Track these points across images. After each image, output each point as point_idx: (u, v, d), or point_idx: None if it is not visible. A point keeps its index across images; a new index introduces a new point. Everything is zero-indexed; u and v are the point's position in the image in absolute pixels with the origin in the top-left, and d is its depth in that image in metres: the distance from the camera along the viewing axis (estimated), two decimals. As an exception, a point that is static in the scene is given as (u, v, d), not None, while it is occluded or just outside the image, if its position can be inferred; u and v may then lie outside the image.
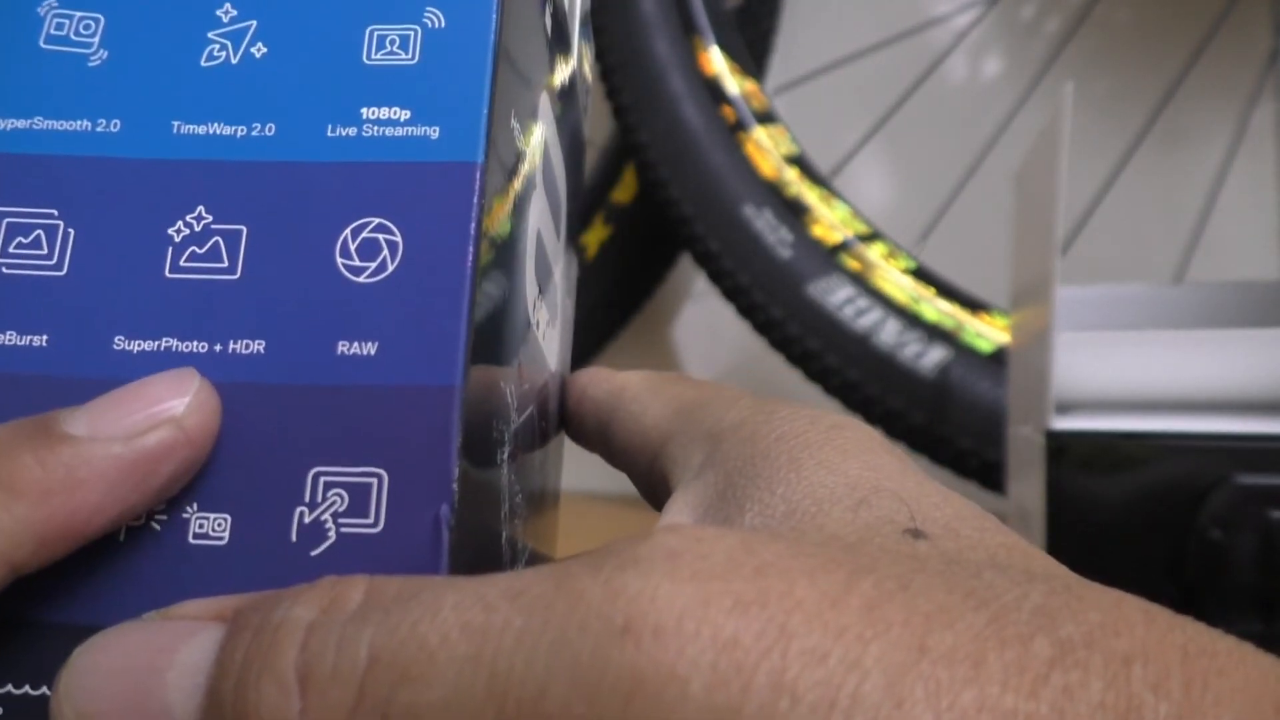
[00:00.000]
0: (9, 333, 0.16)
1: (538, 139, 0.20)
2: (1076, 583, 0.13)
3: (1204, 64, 0.69)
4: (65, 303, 0.16)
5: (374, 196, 0.16)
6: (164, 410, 0.15)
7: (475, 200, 0.16)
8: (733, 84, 0.61)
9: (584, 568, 0.12)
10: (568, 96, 0.25)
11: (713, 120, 0.60)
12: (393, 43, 0.17)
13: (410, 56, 0.17)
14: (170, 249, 0.16)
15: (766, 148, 0.60)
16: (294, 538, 0.14)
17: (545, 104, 0.21)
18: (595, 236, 0.72)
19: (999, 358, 0.53)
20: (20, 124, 0.17)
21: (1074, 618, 0.12)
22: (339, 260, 0.16)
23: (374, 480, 0.15)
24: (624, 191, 0.72)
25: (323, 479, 0.15)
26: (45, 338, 0.15)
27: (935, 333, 0.54)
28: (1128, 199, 0.69)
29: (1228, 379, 0.31)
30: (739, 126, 0.60)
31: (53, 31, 0.17)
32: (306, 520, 0.15)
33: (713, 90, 0.61)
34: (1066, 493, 0.30)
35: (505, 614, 0.12)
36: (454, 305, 0.15)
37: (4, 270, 0.16)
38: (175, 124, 0.17)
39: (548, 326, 0.22)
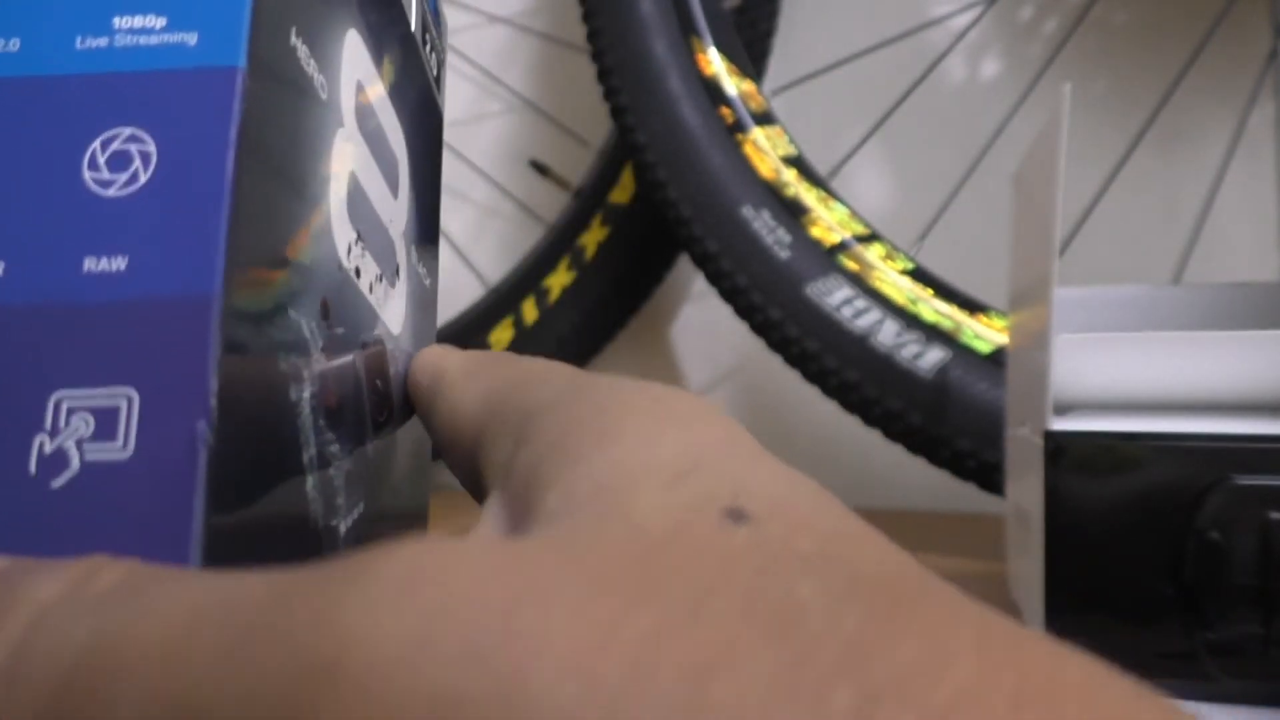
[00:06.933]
0: None
1: (344, 73, 0.19)
2: (908, 594, 0.11)
3: (1202, 64, 0.68)
4: None
5: (126, 106, 0.15)
6: None
7: (235, 105, 0.15)
8: (731, 85, 0.61)
9: (313, 581, 0.11)
10: (407, 46, 0.24)
11: (711, 121, 0.60)
12: None
13: None
14: None
15: (765, 149, 0.60)
16: (33, 469, 0.14)
17: (355, 42, 0.20)
18: (594, 237, 0.71)
19: (997, 359, 0.53)
20: None
21: (890, 653, 0.10)
22: (86, 174, 0.15)
23: (123, 401, 0.14)
24: (622, 192, 0.72)
25: (65, 403, 0.14)
26: None
27: (934, 333, 0.54)
28: (1126, 199, 0.69)
29: (1227, 380, 0.31)
30: (737, 127, 0.60)
31: None
32: (47, 450, 0.14)
33: (711, 91, 0.61)
34: (1065, 494, 0.30)
35: (208, 635, 0.10)
36: (212, 211, 0.14)
37: None
38: None
39: (378, 283, 0.21)
